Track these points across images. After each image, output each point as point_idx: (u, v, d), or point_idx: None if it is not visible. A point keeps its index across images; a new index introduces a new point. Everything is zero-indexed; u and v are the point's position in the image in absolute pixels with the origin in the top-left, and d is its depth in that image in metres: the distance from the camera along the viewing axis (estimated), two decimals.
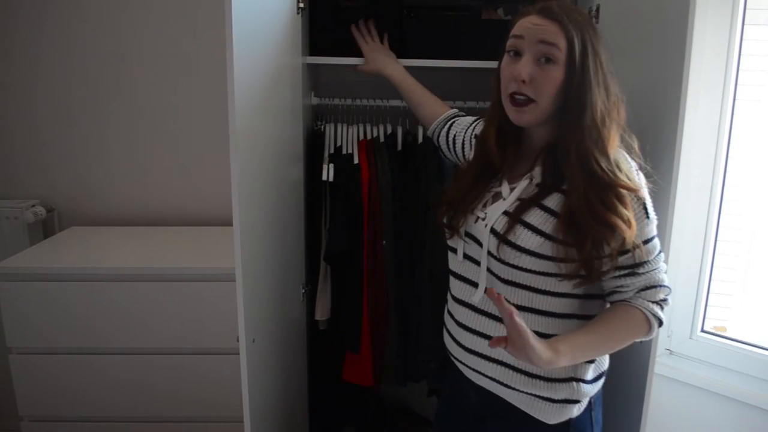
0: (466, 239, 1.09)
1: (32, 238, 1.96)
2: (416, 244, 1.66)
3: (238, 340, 1.14)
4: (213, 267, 1.65)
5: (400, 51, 1.68)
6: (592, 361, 1.06)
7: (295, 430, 1.71)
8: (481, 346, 1.08)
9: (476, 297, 1.08)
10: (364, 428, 2.00)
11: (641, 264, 0.99)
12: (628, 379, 1.30)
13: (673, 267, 1.75)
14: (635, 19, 1.30)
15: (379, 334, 1.70)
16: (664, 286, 1.02)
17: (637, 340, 1.04)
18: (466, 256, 1.10)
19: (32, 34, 1.95)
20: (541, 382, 1.04)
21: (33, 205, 1.98)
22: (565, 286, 1.01)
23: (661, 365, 1.79)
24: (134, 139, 2.04)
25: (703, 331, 1.85)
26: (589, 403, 1.09)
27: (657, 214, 1.02)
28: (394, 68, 1.57)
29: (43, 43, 1.96)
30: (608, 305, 1.07)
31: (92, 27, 1.95)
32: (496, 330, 1.06)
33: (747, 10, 1.66)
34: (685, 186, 1.70)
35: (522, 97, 1.00)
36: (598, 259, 0.96)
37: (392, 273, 1.67)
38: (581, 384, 1.05)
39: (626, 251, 0.97)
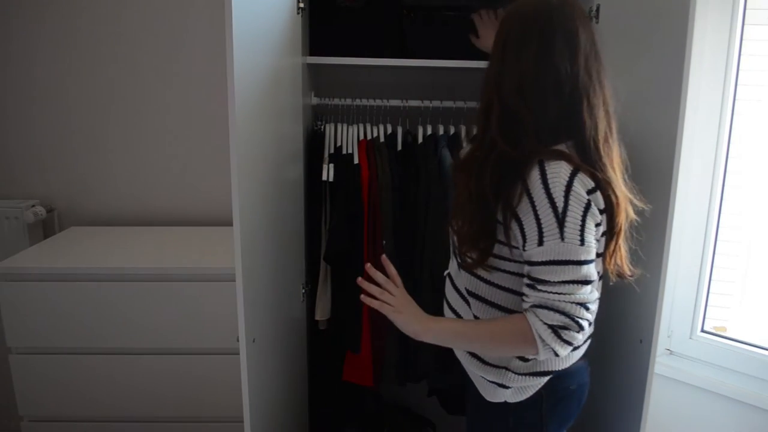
0: None
1: (32, 238, 1.96)
2: (416, 244, 1.66)
3: (238, 340, 1.14)
4: (213, 267, 1.65)
5: (400, 51, 1.68)
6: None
7: (295, 430, 1.71)
8: (450, 316, 1.18)
9: (452, 270, 1.18)
10: (364, 428, 2.00)
11: (541, 281, 0.96)
12: (628, 379, 1.30)
13: (673, 267, 1.76)
14: (635, 19, 1.30)
15: (379, 334, 1.70)
16: (567, 315, 0.94)
17: (522, 354, 1.06)
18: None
19: (32, 34, 1.95)
20: (475, 360, 1.13)
21: (33, 205, 1.98)
22: (508, 281, 1.05)
23: (661, 365, 1.79)
24: (134, 139, 2.04)
25: (703, 331, 1.85)
26: (539, 393, 1.10)
27: (657, 214, 1.02)
28: None
29: (42, 43, 1.96)
30: None
31: (92, 27, 1.95)
32: (461, 306, 1.15)
33: (747, 10, 1.66)
34: (685, 186, 1.70)
35: None
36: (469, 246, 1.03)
37: None
38: (509, 372, 1.09)
39: (533, 262, 0.96)
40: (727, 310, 1.83)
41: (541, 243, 0.94)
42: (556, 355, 0.97)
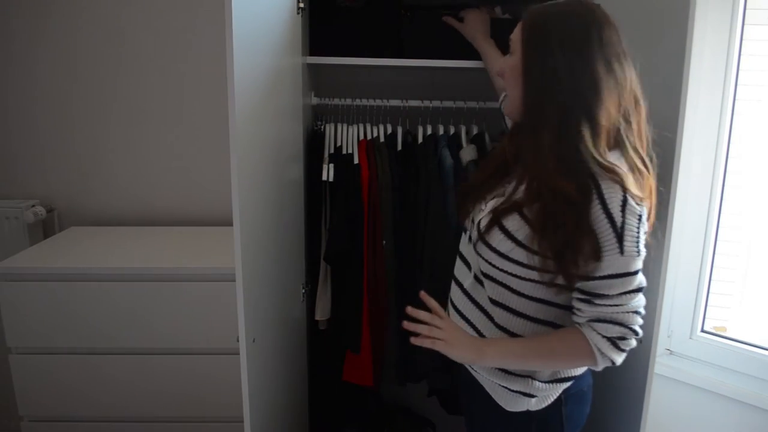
0: (473, 224, 1.11)
1: (32, 238, 1.96)
2: (416, 244, 1.66)
3: (238, 340, 1.14)
4: (213, 267, 1.65)
5: (400, 51, 1.68)
6: None
7: (295, 430, 1.71)
8: (463, 327, 1.14)
9: (467, 281, 1.14)
10: (364, 428, 2.00)
11: (599, 296, 0.96)
12: (628, 379, 1.30)
13: (673, 267, 1.76)
14: (635, 19, 1.30)
15: (379, 334, 1.70)
16: (625, 326, 0.96)
17: (580, 366, 1.07)
18: (470, 239, 1.13)
19: (32, 35, 1.95)
20: (499, 372, 1.10)
21: (33, 205, 1.98)
22: (540, 291, 1.03)
23: (661, 365, 1.79)
24: (134, 139, 2.04)
25: (703, 331, 1.85)
26: (559, 398, 1.10)
27: (657, 214, 1.02)
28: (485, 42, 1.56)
29: (43, 43, 1.96)
30: None
31: (92, 27, 1.95)
32: (478, 318, 1.12)
33: (747, 10, 1.66)
34: (685, 186, 1.70)
35: (505, 92, 1.08)
36: (561, 273, 0.96)
37: (392, 273, 1.67)
38: (535, 381, 1.08)
39: (591, 277, 0.95)
40: (727, 310, 1.83)
41: (599, 258, 0.93)
42: (614, 363, 0.99)
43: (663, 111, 1.16)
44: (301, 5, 1.50)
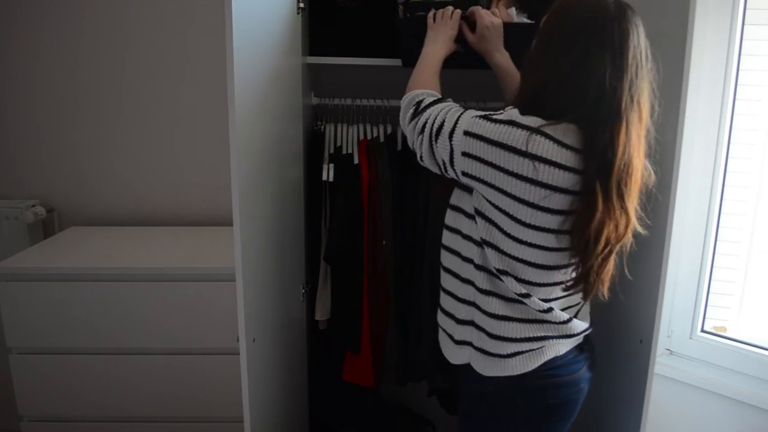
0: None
1: (32, 238, 1.96)
2: (416, 244, 1.66)
3: (238, 340, 1.14)
4: (213, 267, 1.65)
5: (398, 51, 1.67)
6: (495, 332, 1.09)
7: (295, 430, 1.71)
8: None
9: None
10: (364, 428, 2.00)
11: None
12: (628, 379, 1.30)
13: (673, 267, 1.76)
14: None
15: (379, 334, 1.70)
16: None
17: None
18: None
19: (32, 34, 1.95)
20: (446, 318, 1.17)
21: (33, 205, 1.98)
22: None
23: (661, 365, 1.79)
24: (134, 139, 2.04)
25: (703, 331, 1.85)
26: (539, 385, 1.09)
27: (657, 214, 1.02)
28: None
29: (42, 43, 1.96)
30: None
31: (92, 27, 1.95)
32: (454, 286, 1.15)
33: (747, 10, 1.66)
34: (685, 186, 1.70)
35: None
36: None
37: (392, 273, 1.67)
38: (475, 330, 1.11)
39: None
40: (727, 310, 1.83)
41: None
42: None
43: (663, 111, 1.16)
44: (301, 5, 1.50)
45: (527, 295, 1.05)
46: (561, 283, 1.06)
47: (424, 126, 1.09)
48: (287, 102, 1.46)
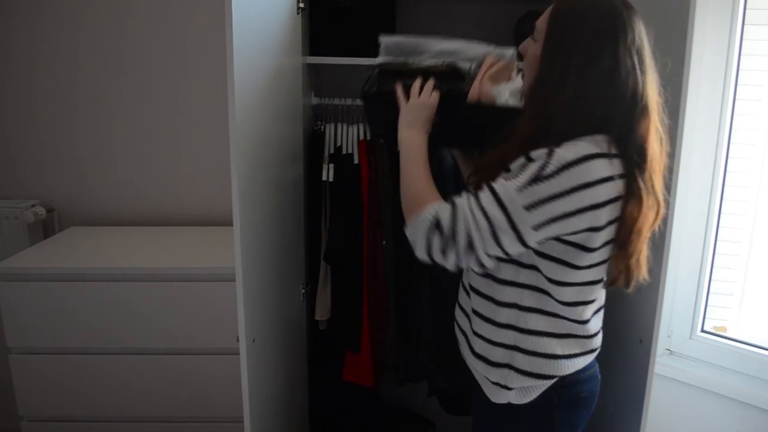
0: None
1: (32, 238, 1.95)
2: None
3: (238, 340, 1.14)
4: (213, 267, 1.65)
5: None
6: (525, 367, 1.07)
7: (295, 431, 1.71)
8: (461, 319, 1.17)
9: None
10: (364, 428, 2.00)
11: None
12: (628, 379, 1.30)
13: (673, 267, 1.76)
14: None
15: (379, 334, 1.70)
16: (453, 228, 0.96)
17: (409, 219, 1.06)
18: None
19: (32, 35, 1.95)
20: (480, 362, 1.11)
21: (33, 205, 1.98)
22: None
23: (661, 365, 1.79)
24: (134, 139, 2.04)
25: (703, 331, 1.85)
26: (551, 403, 1.09)
27: None
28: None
29: (43, 43, 1.95)
30: None
31: (92, 27, 1.95)
32: (469, 303, 1.13)
33: (747, 10, 1.66)
34: (685, 186, 1.70)
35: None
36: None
37: (392, 273, 1.67)
38: (512, 372, 1.08)
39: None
40: (727, 310, 1.83)
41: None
42: (414, 244, 1.02)
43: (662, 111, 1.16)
44: (301, 5, 1.50)
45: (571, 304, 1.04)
46: (599, 281, 1.05)
47: (470, 243, 0.95)
48: (287, 102, 1.46)
